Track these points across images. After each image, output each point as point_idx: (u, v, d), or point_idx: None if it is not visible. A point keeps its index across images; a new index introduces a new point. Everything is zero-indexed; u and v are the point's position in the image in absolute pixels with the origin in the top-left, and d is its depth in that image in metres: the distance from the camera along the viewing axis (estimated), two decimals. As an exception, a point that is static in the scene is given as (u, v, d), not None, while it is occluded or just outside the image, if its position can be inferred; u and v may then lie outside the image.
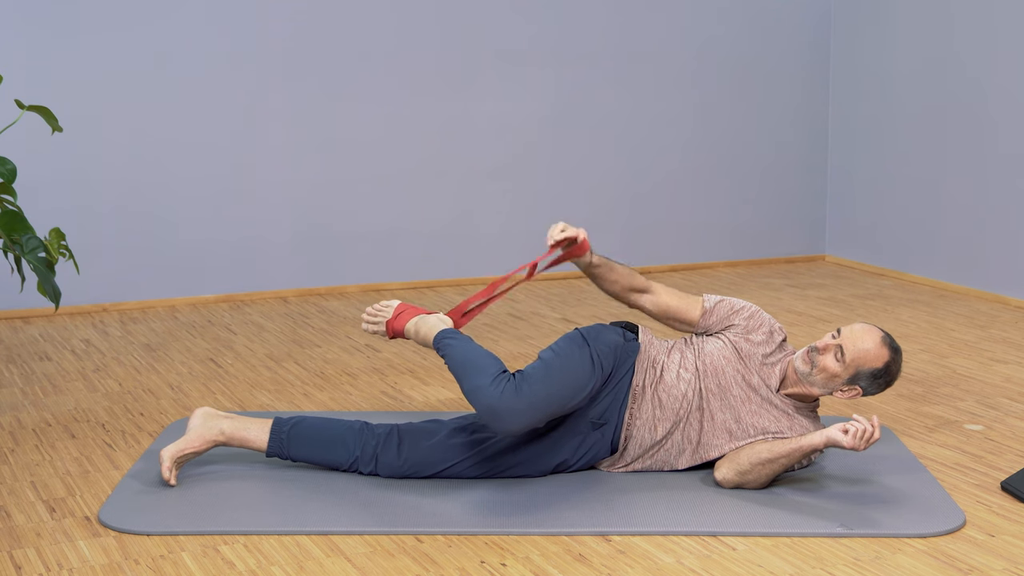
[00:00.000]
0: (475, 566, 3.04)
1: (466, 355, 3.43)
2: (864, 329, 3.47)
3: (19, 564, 3.06)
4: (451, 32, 6.37)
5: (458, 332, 3.57)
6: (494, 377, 3.32)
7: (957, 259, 6.40)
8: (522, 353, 5.09)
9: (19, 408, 4.34)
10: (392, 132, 6.33)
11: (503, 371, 3.36)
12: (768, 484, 3.48)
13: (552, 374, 3.38)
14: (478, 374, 3.35)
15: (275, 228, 6.18)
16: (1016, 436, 4.05)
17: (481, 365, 3.38)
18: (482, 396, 3.30)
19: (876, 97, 6.85)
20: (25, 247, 3.90)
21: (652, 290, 3.73)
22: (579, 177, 6.73)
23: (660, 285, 3.75)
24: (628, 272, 3.72)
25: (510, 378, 3.33)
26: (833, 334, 3.49)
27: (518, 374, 3.37)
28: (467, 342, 3.50)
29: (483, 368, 3.36)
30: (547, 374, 3.37)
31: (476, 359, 3.40)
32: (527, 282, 6.48)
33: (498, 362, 3.40)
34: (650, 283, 3.74)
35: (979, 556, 3.10)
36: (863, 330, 3.47)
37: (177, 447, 3.52)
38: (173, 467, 3.49)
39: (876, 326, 3.51)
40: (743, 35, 6.95)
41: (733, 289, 6.42)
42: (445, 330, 3.57)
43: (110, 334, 5.44)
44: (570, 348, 3.48)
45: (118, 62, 5.79)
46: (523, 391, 3.30)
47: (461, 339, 3.52)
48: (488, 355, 3.43)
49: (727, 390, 3.51)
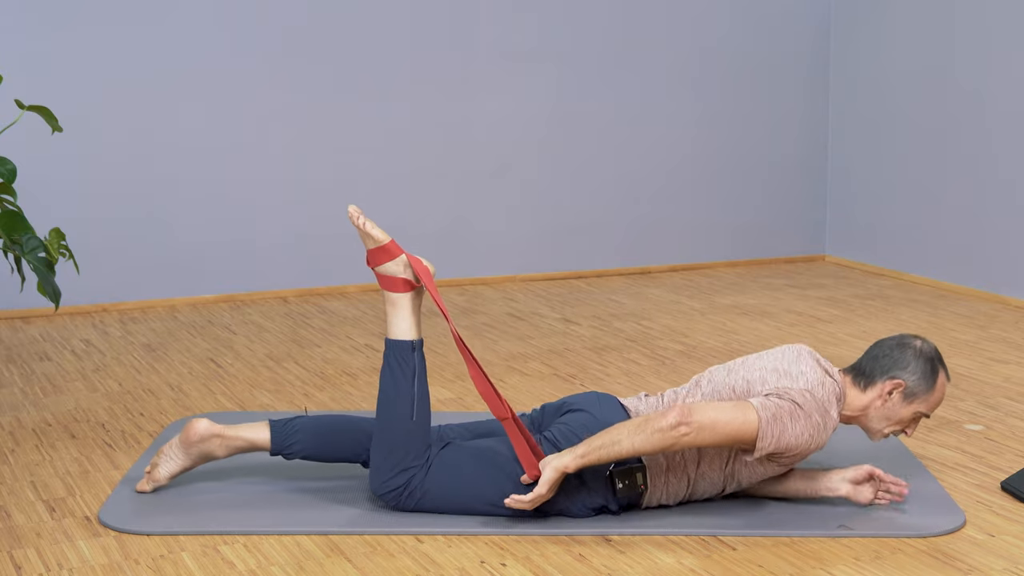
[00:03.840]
0: (475, 566, 3.04)
1: (392, 415, 3.25)
2: (943, 392, 3.33)
3: (19, 564, 3.06)
4: (452, 32, 6.37)
5: (414, 352, 3.30)
6: (399, 471, 3.22)
7: (956, 259, 6.40)
8: (522, 353, 5.09)
9: (19, 408, 4.34)
10: (392, 132, 6.33)
11: (414, 463, 3.23)
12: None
13: (449, 494, 3.25)
14: (392, 447, 3.23)
15: (275, 228, 6.18)
16: (1016, 436, 4.05)
17: (398, 434, 3.23)
18: (375, 476, 3.24)
19: (876, 98, 6.85)
20: (25, 247, 3.90)
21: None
22: (579, 177, 6.73)
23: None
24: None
25: (410, 484, 3.22)
26: (924, 417, 3.34)
27: (419, 481, 3.23)
28: (412, 381, 3.27)
29: (396, 446, 3.23)
30: (444, 493, 3.25)
31: (398, 428, 3.24)
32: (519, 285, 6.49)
33: (421, 436, 3.24)
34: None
35: (979, 556, 3.10)
36: (943, 393, 3.34)
37: (175, 468, 3.46)
38: (160, 482, 3.46)
39: (942, 368, 3.33)
40: (744, 36, 6.95)
41: (733, 289, 6.41)
42: (405, 346, 3.29)
43: (110, 334, 5.44)
44: (491, 462, 3.27)
45: (118, 62, 5.79)
46: (412, 503, 3.25)
47: (405, 370, 3.28)
48: (418, 424, 3.23)
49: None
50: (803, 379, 3.21)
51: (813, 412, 3.14)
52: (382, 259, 3.31)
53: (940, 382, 3.31)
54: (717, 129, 6.99)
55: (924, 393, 3.29)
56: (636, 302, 6.11)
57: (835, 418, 3.22)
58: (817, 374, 3.23)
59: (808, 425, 3.13)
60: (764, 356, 3.35)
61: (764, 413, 3.09)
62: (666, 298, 6.20)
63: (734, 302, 6.10)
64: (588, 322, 5.67)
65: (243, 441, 3.43)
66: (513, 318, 5.75)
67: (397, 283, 3.29)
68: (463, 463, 3.27)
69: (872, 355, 3.35)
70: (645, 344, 5.26)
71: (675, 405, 3.10)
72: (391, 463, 3.24)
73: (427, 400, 3.29)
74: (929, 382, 3.29)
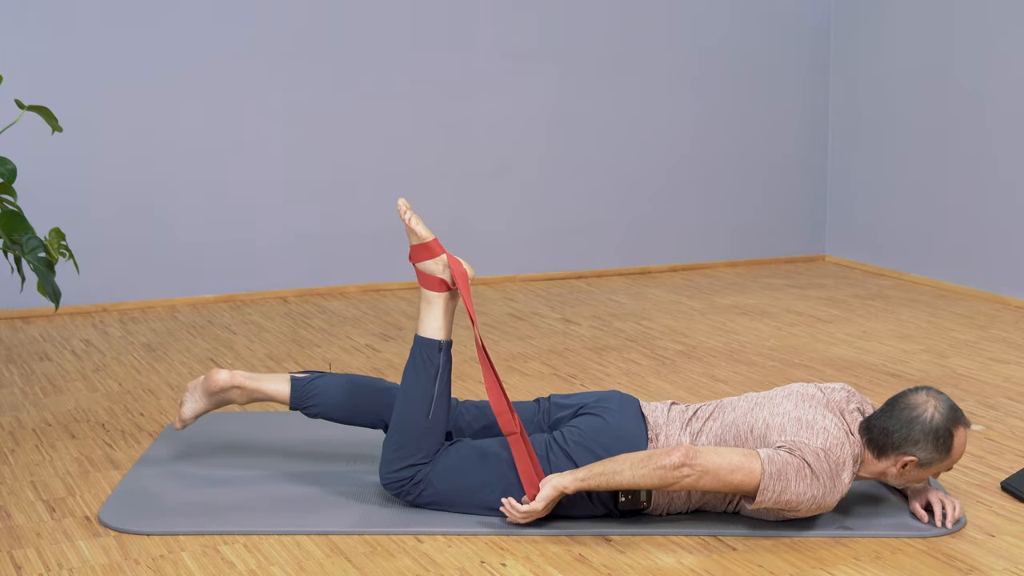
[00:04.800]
0: (475, 566, 3.04)
1: (408, 410, 3.30)
2: (963, 447, 3.20)
3: (19, 564, 3.06)
4: (452, 32, 6.37)
5: (441, 352, 3.32)
6: (407, 465, 3.26)
7: (957, 259, 6.40)
8: (522, 353, 5.09)
9: (19, 408, 4.34)
10: (393, 132, 6.32)
11: (423, 459, 3.27)
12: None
13: (453, 491, 3.27)
14: (404, 442, 3.27)
15: (275, 228, 6.18)
16: (1016, 436, 4.05)
17: (411, 430, 3.26)
18: (384, 466, 3.28)
19: (876, 98, 6.85)
20: (25, 247, 3.90)
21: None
22: (579, 177, 6.73)
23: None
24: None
25: (416, 476, 3.25)
26: (945, 469, 3.22)
27: (427, 474, 3.26)
28: (433, 380, 3.31)
29: (408, 441, 3.26)
30: (449, 488, 3.27)
31: (412, 424, 3.27)
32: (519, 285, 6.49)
33: (434, 437, 3.27)
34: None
35: (979, 556, 3.10)
36: (963, 448, 3.21)
37: (199, 409, 3.59)
38: (187, 420, 3.59)
39: (958, 429, 3.17)
40: (744, 36, 6.95)
41: (733, 289, 6.41)
42: (432, 344, 3.32)
43: (110, 334, 5.44)
44: (494, 460, 3.28)
45: (118, 62, 5.79)
46: (414, 496, 3.28)
47: (428, 368, 3.31)
48: (433, 423, 3.27)
49: None
50: (823, 436, 3.12)
51: (822, 474, 3.07)
52: (423, 256, 3.35)
53: (957, 443, 3.16)
54: (717, 129, 6.99)
55: (939, 461, 3.16)
56: (636, 302, 6.11)
57: (846, 482, 3.14)
58: (839, 433, 3.14)
59: (814, 486, 3.07)
60: (792, 397, 3.25)
61: (769, 467, 3.04)
62: (666, 298, 6.20)
63: (734, 302, 6.10)
64: (588, 322, 5.67)
65: (262, 394, 3.52)
66: (513, 318, 5.75)
67: (434, 282, 3.33)
68: (469, 461, 3.28)
69: (882, 428, 3.17)
70: (645, 344, 5.26)
71: (681, 445, 3.07)
72: (400, 456, 3.27)
73: (446, 402, 3.31)
74: (943, 453, 3.14)
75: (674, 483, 3.06)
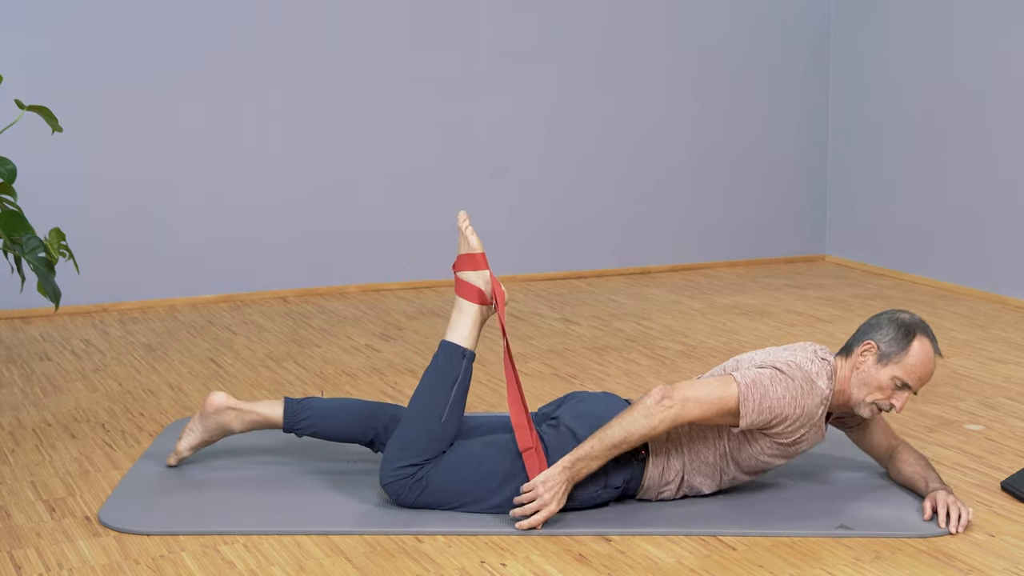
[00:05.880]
0: (475, 566, 3.04)
1: (421, 411, 3.33)
2: (931, 366, 3.30)
3: (19, 564, 3.06)
4: (452, 32, 6.37)
5: (463, 360, 3.39)
6: (410, 463, 3.28)
7: (956, 259, 6.40)
8: (522, 353, 5.09)
9: (19, 408, 4.34)
10: (393, 132, 6.33)
11: (426, 460, 3.29)
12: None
13: (453, 491, 3.29)
14: (411, 441, 3.29)
15: (275, 228, 6.18)
16: (1016, 436, 4.05)
17: (420, 431, 3.30)
18: (385, 465, 3.30)
19: (876, 97, 6.85)
20: (25, 247, 3.90)
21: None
22: (579, 177, 6.73)
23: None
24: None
25: (418, 473, 3.27)
26: (910, 392, 3.30)
27: (429, 470, 3.28)
28: (451, 385, 3.35)
29: (415, 440, 3.29)
30: (449, 488, 3.29)
31: (422, 425, 3.30)
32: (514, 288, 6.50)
33: (441, 442, 3.31)
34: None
35: (979, 556, 3.10)
36: (930, 368, 3.31)
37: (195, 441, 3.62)
38: (183, 454, 3.63)
39: (923, 337, 3.29)
40: (743, 36, 6.95)
41: (733, 289, 6.42)
42: (457, 350, 3.39)
43: (110, 334, 5.44)
44: (500, 456, 3.31)
45: (118, 62, 5.80)
46: (415, 495, 3.29)
47: (447, 373, 3.36)
48: (443, 428, 3.31)
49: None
50: (791, 353, 3.32)
51: (796, 377, 3.21)
52: (467, 266, 3.48)
53: (916, 347, 3.27)
54: (717, 129, 6.99)
55: (897, 354, 3.28)
56: (636, 302, 6.11)
57: (823, 389, 3.26)
58: (808, 353, 3.33)
59: (791, 388, 3.20)
60: (761, 351, 3.45)
61: (743, 379, 3.20)
62: (666, 298, 6.20)
63: (734, 302, 6.10)
64: (588, 322, 5.67)
65: (258, 416, 3.57)
66: (513, 318, 5.75)
67: (472, 292, 3.44)
68: (471, 456, 3.31)
69: (856, 329, 3.43)
70: (645, 344, 5.26)
71: (657, 385, 3.22)
72: (404, 455, 3.29)
73: (459, 411, 3.35)
74: (901, 344, 3.28)
75: (661, 420, 3.16)
